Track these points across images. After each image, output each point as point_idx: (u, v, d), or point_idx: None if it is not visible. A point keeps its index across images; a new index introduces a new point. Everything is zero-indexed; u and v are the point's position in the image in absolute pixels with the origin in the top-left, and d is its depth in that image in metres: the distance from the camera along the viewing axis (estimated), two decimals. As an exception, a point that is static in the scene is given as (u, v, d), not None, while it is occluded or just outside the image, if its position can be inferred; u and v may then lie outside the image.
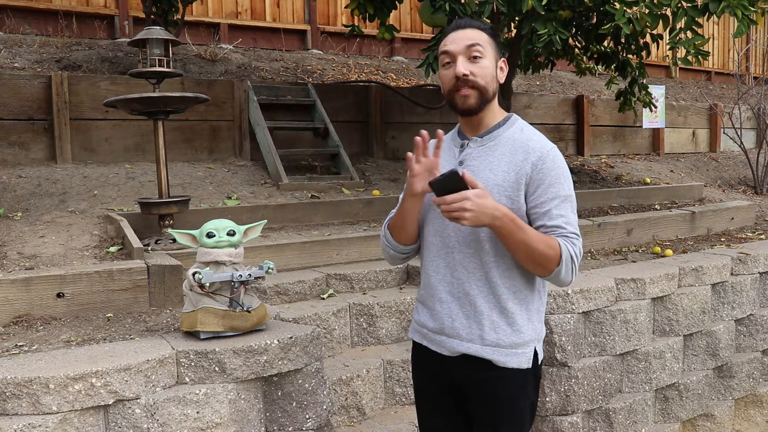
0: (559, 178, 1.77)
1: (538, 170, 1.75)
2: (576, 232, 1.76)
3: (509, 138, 1.82)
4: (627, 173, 7.03)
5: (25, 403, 2.04)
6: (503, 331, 1.79)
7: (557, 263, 1.70)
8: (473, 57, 1.78)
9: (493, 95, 1.83)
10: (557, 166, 1.77)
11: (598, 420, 3.39)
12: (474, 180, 1.64)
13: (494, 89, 1.82)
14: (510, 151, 1.79)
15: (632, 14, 4.19)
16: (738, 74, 9.49)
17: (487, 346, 1.79)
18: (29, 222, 3.76)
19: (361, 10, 5.02)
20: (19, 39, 6.17)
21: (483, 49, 1.79)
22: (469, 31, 1.81)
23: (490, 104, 1.83)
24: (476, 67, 1.78)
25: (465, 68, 1.77)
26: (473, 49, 1.78)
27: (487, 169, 1.79)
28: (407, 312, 3.41)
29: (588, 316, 3.40)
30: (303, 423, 2.48)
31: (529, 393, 1.85)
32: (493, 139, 1.84)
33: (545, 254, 1.69)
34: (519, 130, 1.84)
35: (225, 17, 7.67)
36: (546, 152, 1.77)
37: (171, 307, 3.04)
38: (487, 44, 1.80)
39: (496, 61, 1.83)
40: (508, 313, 1.79)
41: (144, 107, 3.63)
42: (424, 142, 1.74)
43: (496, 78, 1.83)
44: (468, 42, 1.78)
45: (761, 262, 4.25)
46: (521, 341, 1.80)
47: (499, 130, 1.85)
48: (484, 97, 1.80)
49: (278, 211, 4.43)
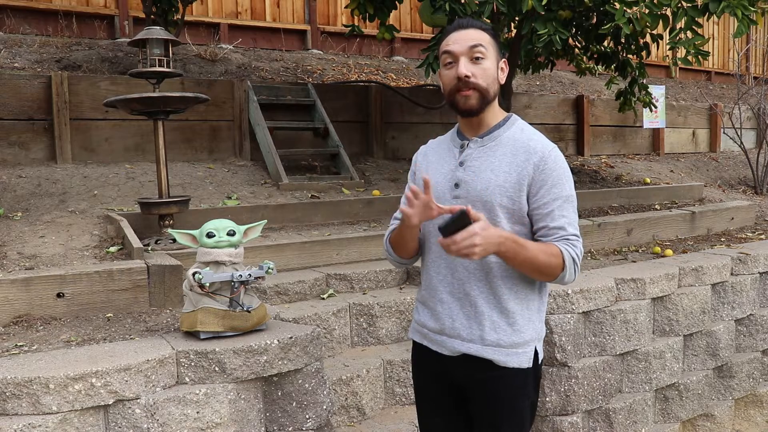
0: (561, 179, 1.77)
1: (540, 171, 1.75)
2: (576, 233, 1.77)
3: (510, 138, 1.82)
4: (627, 173, 7.03)
5: (25, 403, 2.04)
6: (503, 331, 1.79)
7: (562, 269, 1.73)
8: (475, 58, 1.78)
9: (494, 96, 1.83)
10: (559, 167, 1.78)
11: (598, 420, 3.39)
12: (476, 213, 1.61)
13: (495, 90, 1.83)
14: (511, 151, 1.80)
15: (632, 14, 4.19)
16: (738, 74, 9.48)
17: (488, 346, 1.79)
18: (29, 222, 3.76)
19: (361, 10, 5.02)
20: (19, 39, 6.17)
21: (485, 50, 1.79)
22: (471, 32, 1.80)
23: (490, 105, 1.83)
24: (478, 68, 1.78)
25: (467, 69, 1.77)
26: (476, 50, 1.78)
27: (489, 169, 1.79)
28: (407, 312, 3.41)
29: (588, 316, 3.40)
30: (303, 423, 2.48)
31: (529, 393, 1.85)
32: (494, 139, 1.84)
33: (549, 264, 1.71)
34: (519, 131, 1.84)
35: (225, 17, 7.67)
36: (548, 153, 1.77)
37: (171, 307, 3.04)
38: (489, 45, 1.80)
39: (498, 62, 1.83)
40: (508, 313, 1.79)
41: (144, 107, 3.63)
42: (414, 194, 1.70)
43: (497, 79, 1.83)
44: (471, 43, 1.78)
45: (761, 262, 4.25)
46: (522, 341, 1.80)
47: (500, 131, 1.85)
48: (485, 98, 1.80)
49: (278, 211, 4.43)
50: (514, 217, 1.77)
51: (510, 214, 1.77)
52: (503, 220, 1.77)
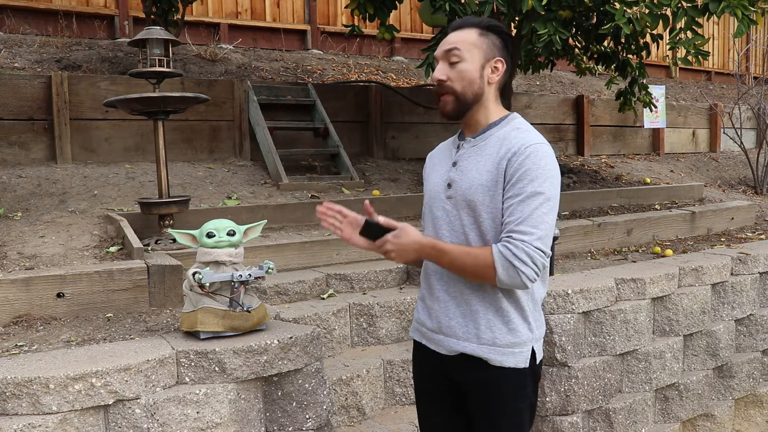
0: (531, 174, 1.69)
1: (510, 165, 1.71)
2: (528, 230, 1.66)
3: (499, 137, 1.80)
4: (627, 173, 7.03)
5: (25, 403, 2.04)
6: (499, 330, 1.78)
7: (494, 270, 1.67)
8: (451, 62, 1.78)
9: (475, 98, 1.80)
10: (533, 163, 1.69)
11: (598, 420, 3.39)
12: (392, 222, 1.76)
13: (475, 92, 1.79)
14: (496, 149, 1.77)
15: (632, 14, 4.19)
16: (738, 74, 9.48)
17: (483, 344, 1.79)
18: (29, 222, 3.76)
19: (361, 10, 5.02)
20: (19, 39, 6.17)
21: (462, 52, 1.77)
22: (457, 33, 1.80)
23: (478, 106, 1.82)
24: (453, 71, 1.78)
25: (441, 73, 1.79)
26: (451, 54, 1.78)
27: (474, 169, 1.79)
28: (407, 312, 3.41)
29: (588, 316, 3.40)
30: (303, 423, 2.48)
31: (527, 393, 1.84)
32: (485, 138, 1.82)
33: (477, 265, 1.70)
34: (512, 129, 1.81)
35: (225, 17, 7.67)
36: (524, 148, 1.71)
37: (171, 307, 3.04)
38: (471, 46, 1.78)
39: (484, 62, 1.79)
40: (503, 313, 1.78)
41: (144, 107, 3.63)
42: (329, 211, 1.85)
43: (480, 79, 1.79)
44: (447, 46, 1.79)
45: (761, 262, 4.25)
46: (518, 340, 1.79)
47: (492, 130, 1.83)
48: (461, 101, 1.80)
49: (278, 211, 4.43)
50: (497, 216, 1.74)
51: (492, 213, 1.74)
52: (486, 219, 1.75)
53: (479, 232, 1.77)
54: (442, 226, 1.83)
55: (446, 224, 1.83)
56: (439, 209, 1.86)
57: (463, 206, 1.78)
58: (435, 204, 1.88)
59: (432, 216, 1.89)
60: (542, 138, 1.78)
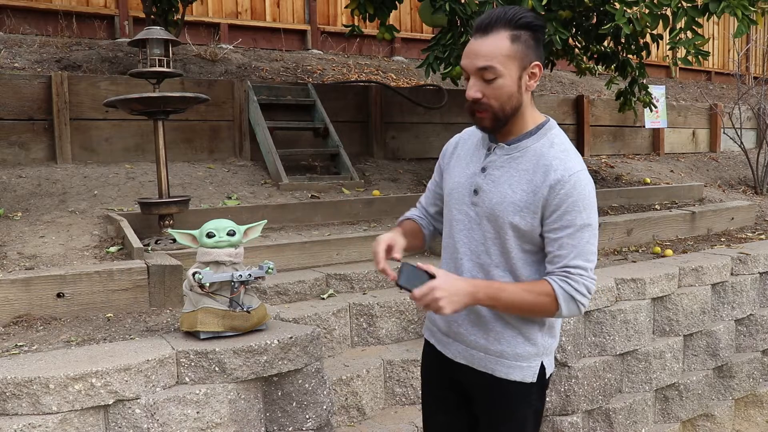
0: (577, 205, 1.65)
1: (555, 194, 1.65)
2: (583, 264, 1.66)
3: (536, 152, 1.71)
4: (627, 173, 7.03)
5: (25, 403, 2.04)
6: (507, 342, 1.76)
7: (556, 306, 1.66)
8: (486, 79, 1.66)
9: (514, 111, 1.70)
10: (578, 192, 1.65)
11: (598, 420, 3.39)
12: (430, 267, 1.61)
13: (513, 106, 1.69)
14: (533, 167, 1.69)
15: (632, 14, 4.19)
16: (738, 74, 9.48)
17: (491, 355, 1.78)
18: (29, 222, 3.76)
19: (361, 10, 5.01)
20: (19, 39, 6.17)
21: (498, 68, 1.64)
22: (488, 42, 1.65)
23: (516, 116, 1.72)
24: (489, 88, 1.66)
25: (475, 91, 1.67)
26: (486, 73, 1.65)
27: (506, 183, 1.71)
28: (407, 312, 3.41)
29: (588, 316, 3.40)
30: (303, 423, 2.48)
31: (532, 401, 1.82)
32: (520, 149, 1.73)
33: (538, 302, 1.66)
34: (549, 145, 1.71)
35: (225, 17, 7.67)
36: (567, 176, 1.65)
37: (171, 307, 3.04)
38: (506, 59, 1.64)
39: (522, 71, 1.67)
40: (512, 325, 1.76)
41: (144, 107, 3.63)
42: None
43: (518, 92, 1.68)
44: (480, 63, 1.65)
45: (761, 262, 4.25)
46: (526, 354, 1.77)
47: (529, 140, 1.73)
48: (498, 118, 1.69)
49: (278, 211, 4.43)
50: (525, 237, 1.70)
51: (520, 234, 1.70)
52: (511, 238, 1.71)
53: (501, 248, 1.72)
54: (461, 231, 1.79)
55: (465, 230, 1.78)
56: (460, 212, 1.80)
57: (489, 218, 1.73)
58: (455, 205, 1.81)
59: (450, 215, 1.84)
60: (580, 159, 1.72)
